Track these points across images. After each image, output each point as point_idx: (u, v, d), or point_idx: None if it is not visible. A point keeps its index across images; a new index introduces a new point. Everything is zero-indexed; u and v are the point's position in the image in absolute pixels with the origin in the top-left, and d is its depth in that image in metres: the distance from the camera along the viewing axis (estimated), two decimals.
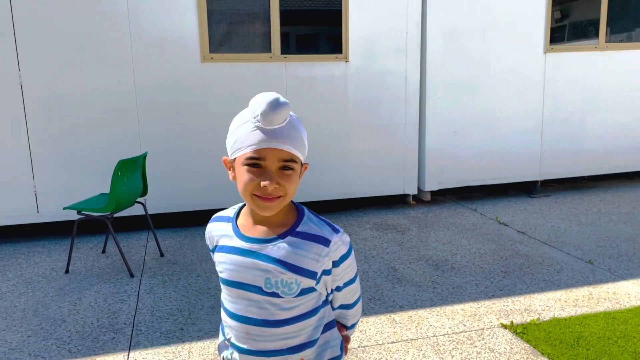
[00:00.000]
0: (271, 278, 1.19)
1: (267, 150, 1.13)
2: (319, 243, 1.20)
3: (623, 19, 5.83)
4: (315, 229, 1.22)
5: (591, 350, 2.66)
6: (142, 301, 3.36)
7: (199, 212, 5.04)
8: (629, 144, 6.03)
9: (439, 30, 5.20)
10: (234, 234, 1.25)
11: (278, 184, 1.14)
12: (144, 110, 4.65)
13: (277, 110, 1.11)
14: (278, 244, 1.20)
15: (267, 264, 1.20)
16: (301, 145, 1.18)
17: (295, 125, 1.17)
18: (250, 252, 1.21)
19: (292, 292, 1.21)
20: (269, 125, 1.13)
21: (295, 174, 1.17)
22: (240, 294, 1.23)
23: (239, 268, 1.22)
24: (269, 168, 1.14)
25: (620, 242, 4.27)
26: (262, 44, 4.83)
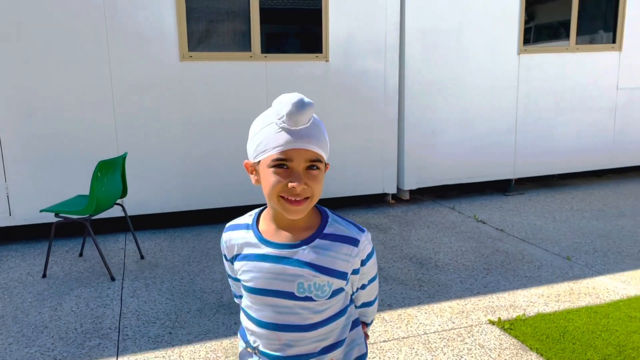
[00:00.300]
0: (304, 282, 1.18)
1: (293, 151, 1.12)
2: (349, 244, 1.21)
3: (592, 21, 6.00)
4: (342, 229, 1.22)
5: (577, 344, 2.73)
6: (126, 305, 3.28)
7: (178, 213, 4.96)
8: (597, 143, 6.22)
9: (417, 30, 5.25)
10: (258, 241, 1.23)
11: (306, 184, 1.13)
12: (120, 109, 4.54)
13: (302, 111, 1.10)
14: (308, 248, 1.19)
15: (299, 268, 1.18)
16: (325, 145, 1.17)
17: (319, 125, 1.17)
18: (279, 258, 1.20)
19: (324, 295, 1.20)
20: (295, 126, 1.12)
21: (321, 174, 1.16)
22: (270, 301, 1.21)
23: (268, 275, 1.20)
24: (296, 169, 1.13)
25: (594, 238, 4.40)
26: (242, 43, 4.78)
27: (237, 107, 4.83)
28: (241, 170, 4.94)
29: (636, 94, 6.24)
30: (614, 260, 3.88)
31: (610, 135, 6.25)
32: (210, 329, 2.97)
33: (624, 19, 5.97)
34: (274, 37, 4.92)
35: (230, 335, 2.90)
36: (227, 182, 4.91)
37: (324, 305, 1.21)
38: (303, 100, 1.11)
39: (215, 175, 4.87)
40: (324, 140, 1.17)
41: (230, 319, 3.09)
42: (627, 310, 3.08)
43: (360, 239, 1.22)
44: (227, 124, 4.83)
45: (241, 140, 4.90)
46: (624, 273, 3.64)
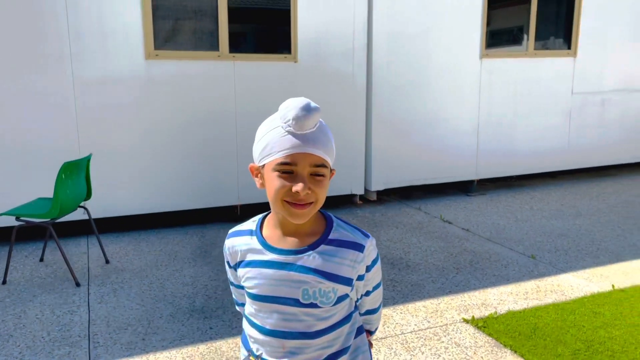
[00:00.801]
0: (309, 289, 1.17)
1: (299, 155, 1.11)
2: (354, 249, 1.20)
3: (550, 27, 6.23)
4: (347, 235, 1.21)
5: (547, 340, 2.82)
6: (94, 311, 3.17)
7: (143, 215, 4.84)
8: (554, 145, 6.45)
9: (384, 33, 5.31)
10: (262, 247, 1.21)
11: (310, 189, 1.12)
12: (82, 108, 4.39)
13: (309, 115, 1.10)
14: (313, 254, 1.18)
15: (304, 274, 1.17)
16: (330, 150, 1.17)
17: (325, 130, 1.16)
18: (284, 265, 1.18)
19: (329, 301, 1.19)
20: (301, 130, 1.11)
21: (325, 180, 1.16)
22: (274, 308, 1.20)
23: (273, 282, 1.19)
24: (301, 173, 1.12)
25: (555, 237, 4.56)
26: (209, 42, 4.70)
27: (205, 107, 4.75)
28: (209, 172, 4.86)
29: (589, 98, 6.51)
30: (575, 258, 4.04)
31: (566, 138, 6.50)
32: (185, 334, 2.90)
33: (578, 27, 6.23)
34: (243, 37, 4.87)
35: (206, 340, 2.84)
36: (194, 183, 4.82)
37: (329, 312, 1.20)
38: (310, 104, 1.11)
39: (181, 176, 4.77)
40: (330, 146, 1.16)
41: (205, 323, 3.03)
42: (591, 306, 3.21)
43: (366, 244, 1.22)
44: (194, 124, 4.74)
45: (209, 140, 4.84)
46: (586, 270, 3.79)
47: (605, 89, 6.58)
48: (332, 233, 1.21)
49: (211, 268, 3.86)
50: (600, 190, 6.21)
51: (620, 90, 6.67)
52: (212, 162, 4.85)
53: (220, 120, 4.82)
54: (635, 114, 6.84)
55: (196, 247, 4.31)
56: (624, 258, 4.02)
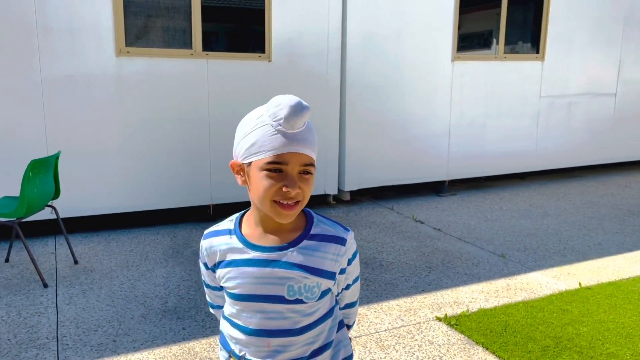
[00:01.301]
0: (294, 285, 1.17)
1: (289, 154, 1.10)
2: (337, 243, 1.20)
3: (519, 32, 6.36)
4: (329, 229, 1.22)
5: (518, 337, 2.88)
6: (62, 313, 3.09)
7: (113, 215, 4.74)
8: (522, 147, 6.59)
9: (358, 34, 5.34)
10: (244, 245, 1.20)
11: (299, 188, 1.12)
12: (51, 105, 4.28)
13: (301, 114, 1.09)
14: (297, 249, 1.18)
15: (289, 270, 1.16)
16: (316, 149, 1.18)
17: (312, 129, 1.16)
18: (268, 262, 1.17)
19: (314, 296, 1.19)
20: (292, 129, 1.10)
21: (312, 178, 1.16)
22: (258, 307, 1.19)
23: (256, 280, 1.17)
24: (291, 173, 1.11)
25: (524, 236, 4.66)
26: (182, 40, 4.65)
27: (177, 106, 4.69)
28: (181, 171, 4.80)
29: (557, 102, 6.68)
30: (543, 257, 4.13)
31: (534, 140, 6.65)
32: (157, 335, 2.86)
33: (546, 32, 6.38)
34: (216, 35, 4.83)
35: (178, 341, 2.81)
36: (165, 182, 4.75)
37: (313, 307, 1.21)
38: (301, 103, 1.10)
39: (153, 175, 4.70)
40: (316, 144, 1.17)
41: (177, 324, 2.99)
42: (559, 303, 3.29)
43: (347, 237, 1.23)
44: (166, 122, 4.67)
45: (181, 139, 4.77)
46: (554, 269, 3.88)
47: (572, 93, 6.76)
48: (313, 228, 1.21)
49: (183, 268, 3.81)
50: (567, 191, 6.38)
51: (586, 94, 6.86)
52: (185, 161, 4.79)
53: (193, 119, 4.77)
54: (600, 117, 7.04)
55: (168, 247, 4.25)
56: (590, 257, 4.13)
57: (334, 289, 1.27)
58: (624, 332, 2.93)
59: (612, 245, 4.40)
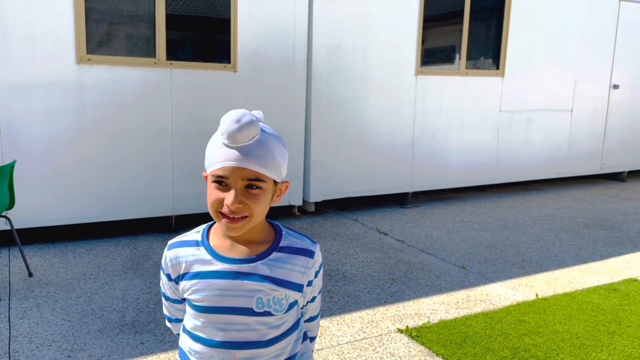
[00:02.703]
0: (263, 297, 1.17)
1: (230, 168, 1.12)
2: (305, 255, 1.22)
3: (480, 48, 6.53)
4: (297, 242, 1.24)
5: (477, 348, 2.93)
6: (15, 327, 2.98)
7: (70, 226, 4.62)
8: (483, 160, 6.74)
9: (324, 47, 5.38)
10: (211, 257, 1.19)
11: (241, 203, 1.12)
12: (5, 112, 4.15)
13: (241, 129, 1.10)
14: (266, 262, 1.19)
15: (258, 283, 1.17)
16: (271, 165, 1.15)
17: (266, 143, 1.14)
18: (237, 274, 1.17)
19: (282, 309, 1.20)
20: (234, 143, 1.11)
21: (263, 194, 1.15)
22: (226, 319, 1.18)
23: (224, 292, 1.17)
24: (234, 186, 1.12)
25: (484, 248, 4.76)
26: (146, 48, 4.59)
27: (140, 115, 4.62)
28: (142, 181, 4.71)
29: (516, 117, 6.86)
30: (502, 269, 4.22)
31: (494, 153, 6.81)
32: (114, 350, 2.79)
33: (506, 48, 6.57)
34: (181, 44, 4.79)
35: (136, 355, 2.74)
36: (126, 193, 4.66)
37: (281, 319, 1.22)
38: (243, 117, 1.11)
39: (113, 185, 4.60)
40: (271, 160, 1.15)
41: (135, 338, 2.92)
42: (517, 314, 3.36)
43: (315, 250, 1.25)
44: (128, 131, 4.59)
45: (143, 148, 4.69)
46: (512, 280, 3.97)
47: (530, 108, 6.96)
48: (282, 240, 1.22)
49: (143, 281, 3.73)
50: (526, 204, 6.55)
51: (544, 110, 7.08)
52: (146, 171, 4.71)
53: (156, 129, 4.70)
54: (557, 133, 7.28)
55: (127, 259, 4.16)
56: (546, 268, 4.25)
57: (300, 301, 1.28)
58: (578, 342, 3.01)
59: (567, 257, 4.53)
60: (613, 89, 7.63)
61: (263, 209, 1.16)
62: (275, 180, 1.19)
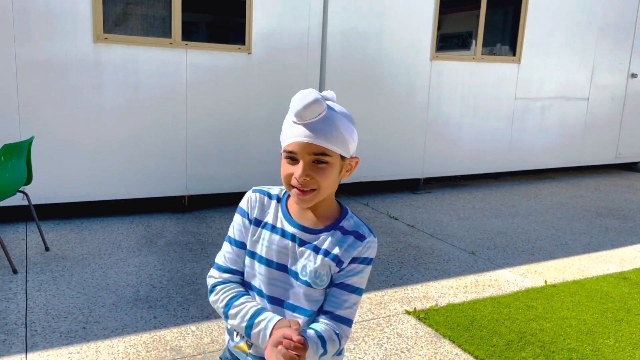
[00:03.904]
0: (307, 267, 1.27)
1: (297, 144, 1.21)
2: (355, 237, 1.29)
3: (497, 34, 6.47)
4: (355, 226, 1.31)
5: (484, 331, 2.96)
6: (32, 299, 3.07)
7: (86, 203, 4.70)
8: (496, 147, 6.71)
9: (338, 31, 5.37)
10: (283, 216, 1.31)
11: (309, 176, 1.20)
12: (25, 90, 4.21)
13: (306, 107, 1.18)
14: (323, 235, 1.28)
15: (310, 252, 1.27)
16: (337, 140, 1.22)
17: (332, 120, 1.22)
18: (296, 238, 1.28)
19: (322, 284, 1.28)
20: (301, 120, 1.20)
21: (329, 168, 1.22)
22: (274, 274, 1.29)
23: (282, 250, 1.28)
24: (301, 161, 1.21)
25: (494, 234, 4.76)
26: (162, 28, 4.62)
27: (155, 95, 4.66)
28: (157, 161, 4.77)
29: (531, 104, 6.81)
30: (512, 255, 4.23)
31: (508, 141, 6.78)
32: (128, 324, 2.86)
33: (523, 35, 6.50)
34: (196, 25, 4.81)
35: (149, 329, 2.81)
36: (141, 172, 4.72)
37: (321, 294, 1.29)
38: (307, 96, 1.19)
39: (128, 164, 4.67)
40: (337, 136, 1.22)
41: (149, 312, 2.99)
42: (525, 300, 3.38)
43: (368, 237, 1.30)
44: (143, 111, 4.64)
45: (158, 128, 4.74)
46: (521, 267, 3.98)
47: (546, 96, 6.90)
48: (344, 221, 1.30)
49: (156, 258, 3.80)
50: (538, 192, 6.52)
51: (559, 98, 7.01)
52: (161, 151, 4.77)
53: (171, 109, 4.74)
54: (572, 121, 7.21)
55: (141, 237, 4.23)
56: (556, 256, 4.25)
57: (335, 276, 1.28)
58: (585, 328, 3.03)
59: (578, 245, 4.53)
60: (631, 77, 7.53)
61: (330, 182, 1.24)
62: (343, 156, 1.25)
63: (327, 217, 1.31)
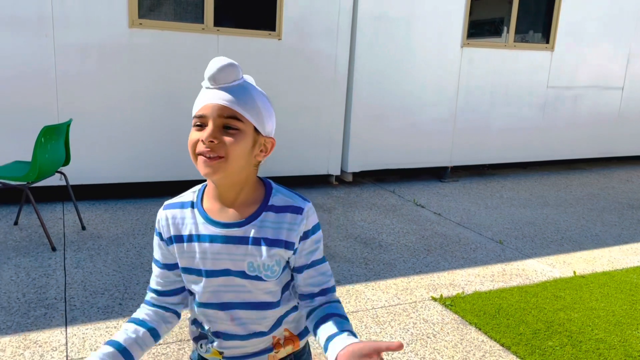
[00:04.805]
0: (253, 262, 1.16)
1: (209, 105, 1.10)
2: (293, 212, 1.17)
3: (530, 21, 6.35)
4: (286, 200, 1.19)
5: (510, 320, 2.97)
6: (70, 276, 3.19)
7: (119, 184, 4.83)
8: (526, 136, 6.63)
9: (369, 16, 5.35)
10: (204, 220, 1.17)
11: (217, 139, 1.08)
12: (63, 73, 4.33)
13: (221, 68, 1.09)
14: (254, 223, 1.16)
15: (247, 246, 1.16)
16: (251, 109, 1.12)
17: (247, 89, 1.13)
18: (226, 238, 1.16)
19: (274, 275, 1.18)
20: (215, 84, 1.11)
21: (240, 135, 1.10)
22: (221, 281, 1.18)
23: (216, 256, 1.16)
24: (210, 123, 1.09)
25: (523, 224, 4.73)
26: (194, 14, 4.67)
27: (186, 79, 4.73)
28: (185, 145, 4.85)
29: (564, 93, 6.69)
30: (540, 245, 4.21)
31: (538, 130, 6.68)
32: None
33: (557, 22, 6.37)
34: (228, 11, 4.85)
35: None
36: (172, 155, 4.82)
37: (275, 285, 1.20)
38: (222, 60, 1.11)
39: (160, 147, 4.77)
40: (251, 104, 1.12)
41: None
42: (553, 290, 3.37)
43: (305, 207, 1.18)
44: (175, 95, 4.73)
45: (189, 113, 4.81)
46: (550, 257, 3.96)
47: (579, 85, 6.77)
48: (271, 199, 1.18)
49: None
50: (568, 182, 6.43)
51: (593, 87, 6.87)
52: None
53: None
54: (606, 110, 7.06)
55: None
56: (585, 247, 4.21)
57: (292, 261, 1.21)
58: (614, 319, 3.01)
59: (609, 237, 4.47)
60: None
61: (240, 152, 1.11)
62: (258, 130, 1.14)
63: (251, 201, 1.18)
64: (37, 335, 2.54)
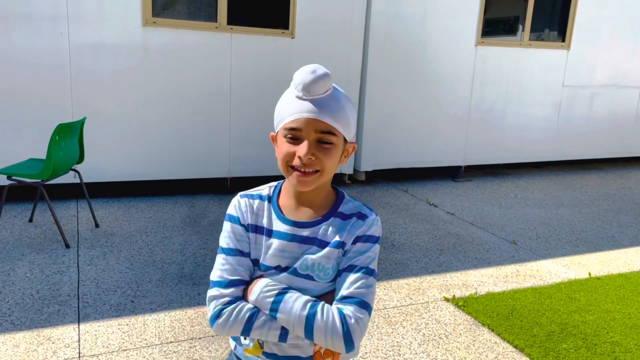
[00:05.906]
0: (308, 259, 1.17)
1: (304, 119, 1.10)
2: (357, 218, 1.20)
3: (546, 19, 6.28)
4: (355, 207, 1.22)
5: (524, 321, 2.94)
6: (83, 273, 3.21)
7: (132, 182, 4.86)
8: (541, 136, 6.56)
9: (382, 15, 5.32)
10: (275, 216, 1.21)
11: (314, 155, 1.10)
12: (77, 71, 4.36)
13: (317, 79, 1.09)
14: (323, 226, 1.18)
15: (310, 246, 1.18)
16: (343, 120, 1.13)
17: (339, 99, 1.14)
18: (293, 237, 1.18)
19: (326, 277, 1.18)
20: (308, 95, 1.10)
21: (334, 149, 1.13)
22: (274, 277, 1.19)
23: (278, 253, 1.19)
24: (306, 138, 1.10)
25: (537, 225, 4.68)
26: (208, 13, 4.68)
27: (200, 78, 4.75)
28: (201, 142, 4.88)
29: (580, 92, 6.61)
30: (555, 246, 4.15)
31: (554, 129, 6.61)
32: (174, 299, 2.96)
33: (574, 20, 6.28)
34: (241, 10, 4.85)
35: (194, 305, 2.91)
36: (185, 153, 4.84)
37: (322, 289, 1.18)
38: (317, 69, 1.11)
39: (173, 145, 4.79)
40: (342, 115, 1.13)
41: (192, 290, 3.09)
42: (568, 291, 3.33)
43: (370, 216, 1.20)
44: (188, 94, 4.74)
45: (201, 111, 4.84)
46: (564, 258, 3.91)
47: (596, 84, 6.68)
48: (341, 206, 1.21)
49: (200, 237, 3.91)
50: (584, 183, 6.35)
51: (610, 86, 6.77)
52: (205, 132, 4.87)
53: (215, 92, 4.82)
54: (623, 110, 6.96)
55: (185, 216, 4.35)
56: (601, 248, 4.15)
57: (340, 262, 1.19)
58: (630, 322, 2.96)
59: (625, 238, 4.40)
60: None
61: (333, 165, 1.14)
62: (345, 139, 1.16)
63: (324, 206, 1.21)
64: (50, 331, 2.56)
